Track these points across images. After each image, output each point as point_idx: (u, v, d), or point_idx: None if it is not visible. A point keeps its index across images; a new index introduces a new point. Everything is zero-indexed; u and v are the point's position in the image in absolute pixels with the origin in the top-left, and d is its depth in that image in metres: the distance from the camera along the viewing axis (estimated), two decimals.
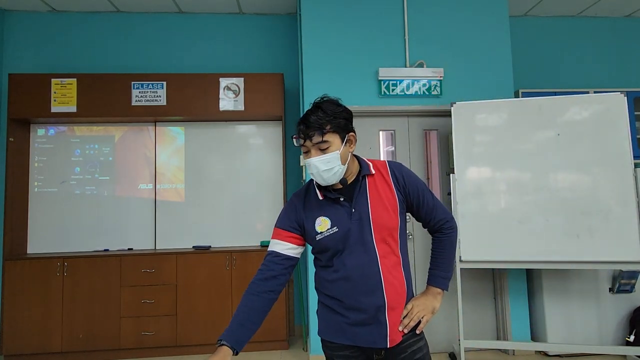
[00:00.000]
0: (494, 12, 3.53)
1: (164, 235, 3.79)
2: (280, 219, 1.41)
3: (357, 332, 1.30)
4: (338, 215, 1.31)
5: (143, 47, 4.01)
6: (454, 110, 3.09)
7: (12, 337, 3.33)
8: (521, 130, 3.00)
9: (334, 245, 1.30)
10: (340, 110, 1.31)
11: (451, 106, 3.10)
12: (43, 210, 3.72)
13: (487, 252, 2.96)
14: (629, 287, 3.16)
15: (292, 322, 3.88)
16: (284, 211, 1.42)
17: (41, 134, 3.80)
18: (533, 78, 4.20)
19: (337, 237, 1.29)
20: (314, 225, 1.32)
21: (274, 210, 3.87)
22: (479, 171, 3.05)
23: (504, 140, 3.01)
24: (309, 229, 1.33)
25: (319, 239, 1.31)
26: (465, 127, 3.07)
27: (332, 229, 1.30)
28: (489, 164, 3.03)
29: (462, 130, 3.07)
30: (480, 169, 3.04)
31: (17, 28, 3.93)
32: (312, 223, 1.33)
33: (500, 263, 2.97)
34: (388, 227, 1.30)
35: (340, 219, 1.30)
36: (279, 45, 4.10)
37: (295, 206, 1.38)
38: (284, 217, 1.39)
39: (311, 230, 1.32)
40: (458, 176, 3.05)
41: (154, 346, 3.41)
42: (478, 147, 3.05)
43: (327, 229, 1.30)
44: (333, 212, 1.32)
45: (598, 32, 4.35)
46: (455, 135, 3.07)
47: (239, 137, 3.94)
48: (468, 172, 3.04)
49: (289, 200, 1.42)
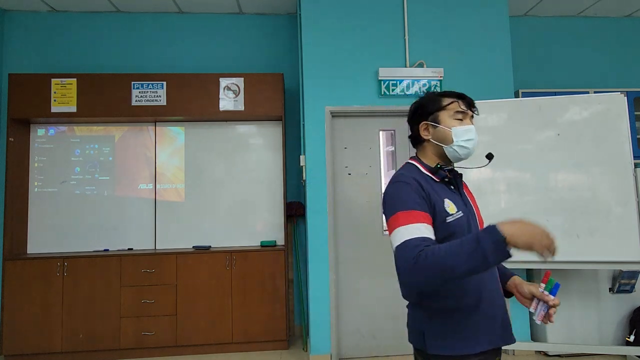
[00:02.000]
0: (494, 12, 3.53)
1: (164, 235, 3.79)
2: (410, 201, 1.14)
3: (495, 330, 1.19)
4: (456, 201, 1.23)
5: (143, 47, 4.01)
6: None
7: (12, 337, 3.33)
8: (521, 130, 3.00)
9: (460, 230, 1.17)
10: None
11: None
12: (43, 210, 3.72)
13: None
14: (629, 287, 3.16)
15: (292, 322, 3.88)
16: (408, 192, 1.16)
17: (41, 134, 3.80)
18: (533, 78, 4.20)
19: (462, 222, 1.19)
20: (444, 207, 1.19)
21: (274, 210, 3.87)
22: (479, 171, 3.04)
23: (504, 140, 3.01)
24: (440, 210, 1.17)
25: (449, 221, 1.17)
26: None
27: (458, 213, 1.20)
28: (489, 164, 3.01)
29: None
30: (480, 169, 3.03)
31: (17, 28, 3.93)
32: (441, 204, 1.19)
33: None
34: (480, 222, 1.31)
35: (459, 204, 1.23)
36: (279, 45, 4.10)
37: (420, 186, 1.18)
38: (416, 198, 1.15)
39: (442, 211, 1.17)
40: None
41: (154, 346, 3.41)
42: (478, 147, 3.04)
43: (455, 212, 1.19)
44: (451, 196, 1.23)
45: (598, 32, 4.35)
46: None
47: (239, 137, 3.94)
48: (468, 172, 3.03)
49: (404, 183, 1.19)
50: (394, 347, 3.31)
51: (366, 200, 3.44)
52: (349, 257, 3.39)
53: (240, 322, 3.47)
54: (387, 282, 3.38)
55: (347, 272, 3.38)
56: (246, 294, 3.49)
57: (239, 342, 3.47)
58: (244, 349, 3.49)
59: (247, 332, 3.46)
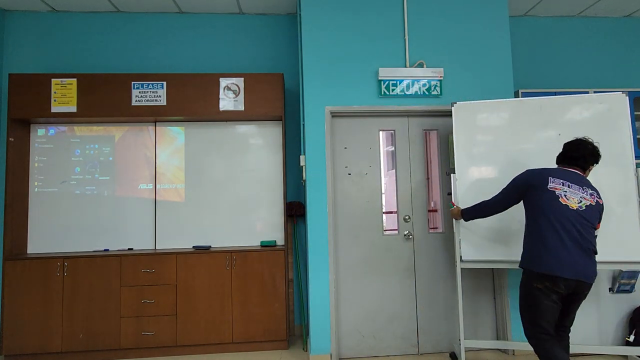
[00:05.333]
0: (494, 12, 3.53)
1: (164, 235, 3.80)
2: None
3: None
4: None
5: (143, 47, 4.01)
6: (455, 110, 3.10)
7: (12, 337, 3.33)
8: (522, 130, 3.00)
9: None
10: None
11: (452, 106, 3.10)
12: (43, 210, 3.73)
13: (488, 251, 2.96)
14: (629, 287, 3.16)
15: (292, 322, 3.88)
16: None
17: (41, 134, 3.80)
18: (533, 78, 4.20)
19: None
20: None
21: (274, 211, 3.88)
22: (480, 171, 3.05)
23: (505, 140, 3.02)
24: None
25: None
26: (465, 127, 3.07)
27: None
28: (490, 163, 3.03)
29: (463, 130, 3.07)
30: (481, 168, 3.04)
31: (17, 28, 3.94)
32: None
33: (501, 263, 2.96)
34: None
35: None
36: (279, 45, 4.10)
37: None
38: None
39: None
40: (459, 176, 3.05)
41: (154, 346, 3.41)
42: (479, 147, 3.05)
43: None
44: None
45: (598, 32, 4.35)
46: (456, 135, 3.07)
47: (239, 137, 3.94)
48: (469, 172, 3.04)
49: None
50: (394, 347, 3.31)
51: (366, 200, 3.44)
52: (349, 257, 3.39)
53: (240, 322, 3.47)
54: (387, 282, 3.38)
55: (347, 272, 3.38)
56: (246, 294, 3.49)
57: (239, 342, 3.47)
58: (244, 349, 3.49)
59: (247, 332, 3.47)
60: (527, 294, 2.32)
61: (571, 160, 2.43)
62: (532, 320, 2.30)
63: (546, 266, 2.22)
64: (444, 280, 3.42)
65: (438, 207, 3.52)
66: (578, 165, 2.42)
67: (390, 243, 3.43)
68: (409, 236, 3.43)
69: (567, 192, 2.30)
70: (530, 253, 2.35)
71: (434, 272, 3.42)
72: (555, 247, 2.22)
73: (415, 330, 3.34)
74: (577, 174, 2.40)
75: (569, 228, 2.23)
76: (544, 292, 2.24)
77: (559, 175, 2.36)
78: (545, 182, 2.35)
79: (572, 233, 2.23)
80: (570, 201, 2.28)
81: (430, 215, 3.51)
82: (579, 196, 2.30)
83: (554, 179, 2.34)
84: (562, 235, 2.23)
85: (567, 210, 2.26)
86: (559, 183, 2.33)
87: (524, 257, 2.39)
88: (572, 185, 2.32)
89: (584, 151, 2.40)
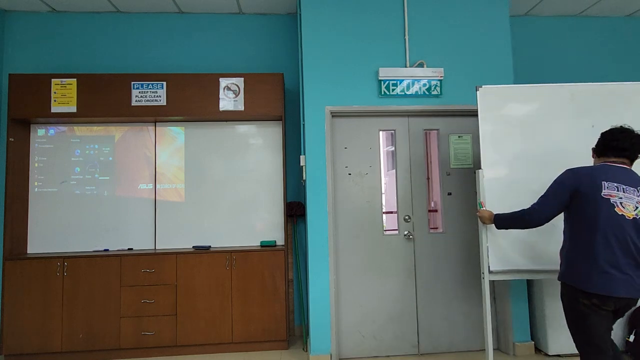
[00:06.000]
0: (494, 12, 3.53)
1: (164, 235, 3.79)
2: None
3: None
4: None
5: (143, 47, 4.01)
6: (480, 95, 2.85)
7: (12, 337, 3.33)
8: (553, 120, 2.79)
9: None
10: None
11: (477, 90, 2.89)
12: (43, 210, 3.73)
13: (520, 260, 2.68)
14: None
15: (292, 322, 3.88)
16: None
17: (41, 134, 3.80)
18: (533, 78, 4.19)
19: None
20: None
21: (274, 210, 3.88)
22: (510, 165, 2.78)
23: (533, 130, 2.80)
24: None
25: None
26: (492, 115, 2.84)
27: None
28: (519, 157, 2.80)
29: (489, 118, 2.83)
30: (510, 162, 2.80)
31: (17, 28, 3.93)
32: None
33: (535, 273, 2.65)
34: None
35: None
36: (279, 45, 4.10)
37: None
38: None
39: None
40: (485, 172, 2.78)
41: (154, 346, 3.41)
42: (507, 138, 2.82)
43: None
44: None
45: (598, 32, 4.34)
46: (481, 124, 2.82)
47: (239, 137, 3.93)
48: (496, 167, 2.81)
49: None
50: (394, 347, 3.31)
51: (366, 200, 3.43)
52: (349, 257, 3.39)
53: (240, 322, 3.47)
54: (387, 282, 3.38)
55: (347, 272, 3.38)
56: (246, 294, 3.49)
57: (239, 342, 3.47)
58: (244, 349, 3.49)
59: (247, 332, 3.46)
60: (571, 309, 2.04)
61: (618, 151, 2.06)
62: (585, 341, 2.00)
63: (595, 287, 1.93)
64: (445, 280, 3.42)
65: (438, 207, 3.52)
66: (626, 157, 2.06)
67: (391, 243, 3.43)
68: (409, 236, 3.43)
69: (622, 198, 1.96)
70: (575, 269, 2.03)
71: (434, 272, 3.42)
72: (608, 266, 1.92)
73: (416, 330, 3.34)
74: (627, 170, 2.05)
75: (625, 242, 1.92)
76: (591, 308, 1.96)
77: (612, 177, 2.00)
78: (598, 188, 1.99)
79: (628, 248, 1.92)
80: (627, 209, 1.95)
81: (431, 215, 3.51)
82: (635, 201, 1.97)
83: (608, 183, 1.98)
84: (616, 251, 1.92)
85: (624, 221, 1.94)
86: (613, 188, 1.98)
87: (568, 272, 2.07)
88: (627, 188, 1.98)
89: (632, 140, 2.05)
